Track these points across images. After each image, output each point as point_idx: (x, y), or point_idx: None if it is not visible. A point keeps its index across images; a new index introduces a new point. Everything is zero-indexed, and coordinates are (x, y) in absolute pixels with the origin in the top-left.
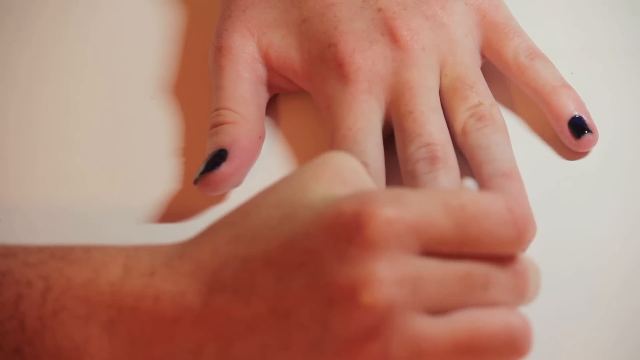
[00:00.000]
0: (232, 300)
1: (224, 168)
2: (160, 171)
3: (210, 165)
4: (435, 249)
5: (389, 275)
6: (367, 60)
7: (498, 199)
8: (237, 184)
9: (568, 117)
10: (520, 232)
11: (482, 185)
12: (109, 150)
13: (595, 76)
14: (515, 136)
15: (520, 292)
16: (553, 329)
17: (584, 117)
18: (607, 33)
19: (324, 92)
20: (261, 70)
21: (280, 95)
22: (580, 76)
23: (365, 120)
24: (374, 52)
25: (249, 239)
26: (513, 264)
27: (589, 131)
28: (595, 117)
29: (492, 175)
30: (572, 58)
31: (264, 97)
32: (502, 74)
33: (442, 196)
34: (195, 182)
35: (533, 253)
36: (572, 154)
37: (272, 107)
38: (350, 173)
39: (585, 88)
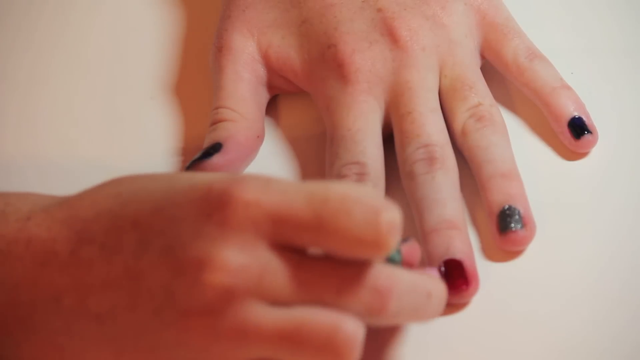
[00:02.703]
0: (97, 254)
1: (216, 159)
2: (160, 171)
3: (203, 155)
4: (293, 239)
5: (236, 260)
6: (366, 60)
7: (366, 197)
8: None
9: (568, 117)
10: (380, 235)
11: (482, 185)
12: (109, 150)
13: (595, 76)
14: (515, 137)
15: (375, 310)
16: (553, 328)
17: (584, 118)
18: (607, 33)
19: (324, 92)
20: (261, 71)
21: (280, 96)
22: (580, 76)
23: (364, 120)
24: (373, 52)
25: (126, 198)
26: (376, 280)
27: (589, 132)
28: (595, 118)
29: (491, 176)
30: (572, 58)
31: (264, 97)
32: (502, 75)
33: (309, 187)
34: (187, 169)
35: (533, 253)
36: (571, 155)
37: (272, 107)
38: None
39: (585, 88)
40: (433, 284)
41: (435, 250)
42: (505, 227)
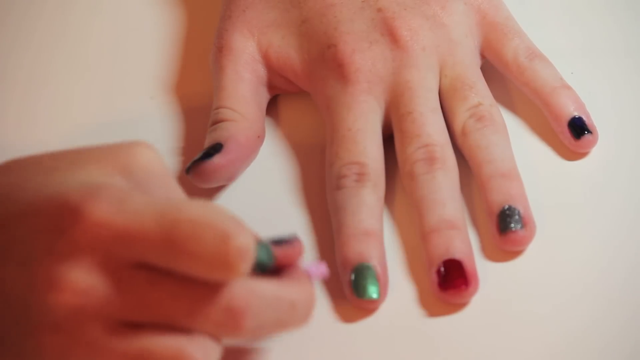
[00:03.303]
0: None
1: (217, 159)
2: None
3: (203, 155)
4: (145, 259)
5: (84, 282)
6: (366, 60)
7: (218, 221)
8: (230, 178)
9: (568, 117)
10: (230, 262)
11: (482, 185)
12: None
13: (595, 76)
14: (515, 136)
15: (231, 329)
16: (552, 328)
17: (584, 118)
18: (607, 33)
19: (324, 92)
20: (261, 71)
21: (280, 96)
22: (580, 76)
23: (364, 120)
24: (373, 52)
25: (2, 193)
26: (230, 299)
27: (589, 132)
28: (595, 118)
29: (491, 176)
30: (571, 58)
31: (264, 97)
32: (502, 74)
33: (162, 208)
34: (187, 170)
35: (533, 253)
36: (572, 155)
37: (272, 108)
38: (141, 168)
39: (585, 88)
40: (298, 292)
41: (435, 250)
42: (505, 227)
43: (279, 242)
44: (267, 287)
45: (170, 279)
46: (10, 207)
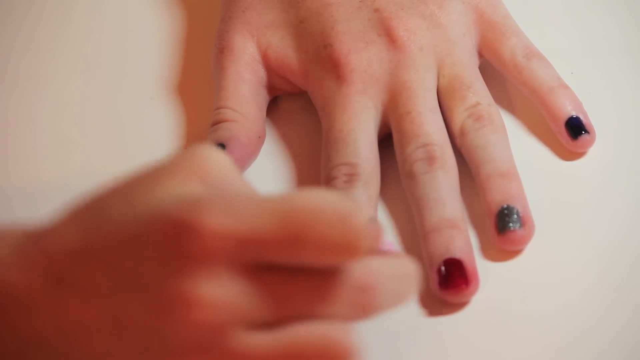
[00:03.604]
0: (72, 296)
1: None
2: None
3: None
4: (270, 258)
5: (212, 295)
6: (362, 61)
7: (333, 203)
8: None
9: (565, 117)
10: (355, 239)
11: (481, 185)
12: (109, 150)
13: (595, 76)
14: (513, 136)
15: (365, 307)
16: (552, 328)
17: (581, 117)
18: (607, 33)
19: (320, 92)
20: (261, 72)
21: (280, 97)
22: (579, 76)
23: (357, 121)
24: (369, 52)
25: (90, 230)
26: (362, 278)
27: (586, 131)
28: (593, 117)
29: (490, 175)
30: (571, 58)
31: (264, 98)
32: (500, 74)
33: (273, 202)
34: None
35: (532, 253)
36: (570, 154)
37: (272, 108)
38: (215, 170)
39: (585, 88)
40: (404, 263)
41: (435, 250)
42: (503, 226)
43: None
44: (380, 262)
45: (295, 272)
46: (104, 241)
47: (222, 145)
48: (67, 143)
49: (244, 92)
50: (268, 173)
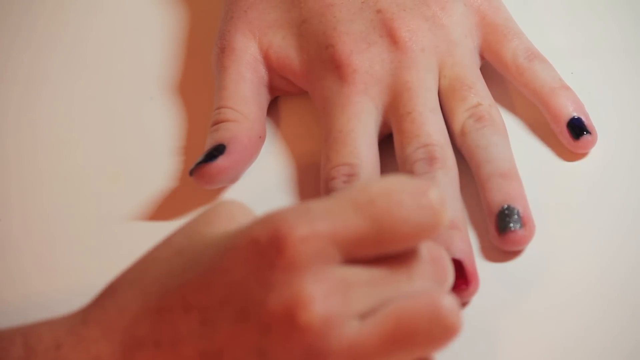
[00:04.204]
0: (156, 354)
1: (220, 161)
2: (160, 171)
3: (207, 157)
4: (358, 251)
5: (319, 291)
6: (364, 61)
7: (407, 183)
8: (233, 180)
9: (567, 118)
10: (436, 213)
11: (481, 185)
12: (109, 150)
13: (595, 76)
14: (514, 137)
15: (442, 277)
16: (552, 328)
17: (583, 118)
18: (607, 33)
19: (321, 93)
20: (262, 72)
21: (280, 97)
22: (580, 76)
23: (357, 121)
24: (371, 53)
25: (157, 291)
26: (430, 252)
27: (588, 132)
28: (594, 118)
29: (490, 175)
30: (571, 58)
31: (265, 98)
32: (501, 75)
33: (349, 196)
34: (191, 173)
35: (533, 253)
36: (571, 155)
37: (272, 108)
38: (242, 216)
39: (585, 88)
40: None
41: None
42: (504, 227)
43: None
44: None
45: (376, 261)
46: (180, 290)
47: (222, 146)
48: (67, 143)
49: (245, 91)
50: (268, 173)
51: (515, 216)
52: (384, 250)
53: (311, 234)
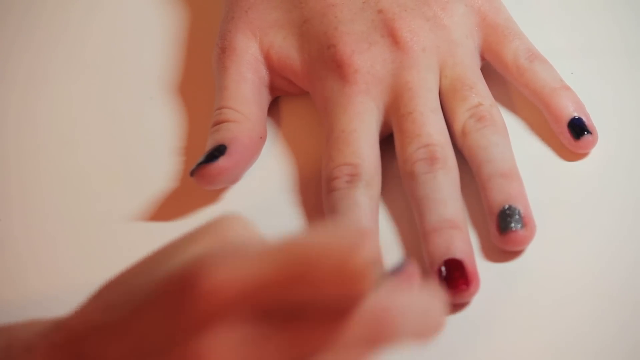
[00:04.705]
0: None
1: (222, 162)
2: (160, 171)
3: (208, 158)
4: (272, 305)
5: (222, 348)
6: (365, 61)
7: (336, 243)
8: (234, 180)
9: (567, 118)
10: (359, 279)
11: (482, 185)
12: (109, 150)
13: (595, 77)
14: (515, 137)
15: (375, 337)
16: (553, 328)
17: (584, 118)
18: (607, 33)
19: (322, 92)
20: (263, 72)
21: (281, 97)
22: (580, 76)
23: (359, 121)
24: (373, 53)
25: (113, 307)
26: (371, 308)
27: (589, 132)
28: (594, 118)
29: (491, 175)
30: (571, 58)
31: (266, 98)
32: (501, 75)
33: (273, 250)
34: (192, 173)
35: (533, 253)
36: (571, 155)
37: (273, 109)
38: (237, 236)
39: (585, 88)
40: (428, 295)
41: (435, 250)
42: (505, 227)
43: (396, 271)
44: (400, 294)
45: (304, 314)
46: (121, 313)
47: (223, 146)
48: (67, 143)
49: (246, 92)
50: (269, 173)
51: (517, 216)
52: (302, 302)
53: (225, 285)
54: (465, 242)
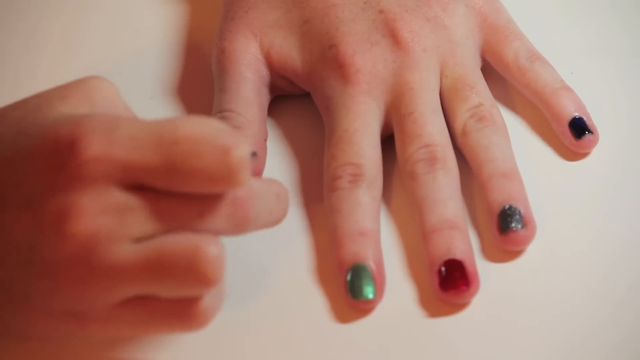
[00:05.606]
0: None
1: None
2: None
3: None
4: (148, 182)
5: (94, 207)
6: (367, 61)
7: (217, 136)
8: None
9: (568, 118)
10: (232, 173)
11: (482, 185)
12: None
13: (595, 76)
14: (515, 137)
15: (240, 219)
16: (553, 329)
17: (584, 118)
18: (607, 33)
19: (324, 92)
20: (264, 72)
21: (281, 97)
22: (580, 76)
23: (361, 121)
24: (374, 53)
25: None
26: (236, 192)
27: (590, 132)
28: (595, 118)
29: (492, 175)
30: (572, 58)
31: (266, 98)
32: (502, 76)
33: (158, 130)
34: None
35: (533, 253)
36: (572, 155)
37: (273, 108)
38: (103, 98)
39: (585, 88)
40: (277, 185)
41: (436, 250)
42: (505, 227)
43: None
44: (254, 180)
45: (169, 192)
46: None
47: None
48: None
49: (247, 92)
50: (269, 173)
51: (517, 216)
52: (176, 190)
53: (106, 155)
54: (465, 242)
